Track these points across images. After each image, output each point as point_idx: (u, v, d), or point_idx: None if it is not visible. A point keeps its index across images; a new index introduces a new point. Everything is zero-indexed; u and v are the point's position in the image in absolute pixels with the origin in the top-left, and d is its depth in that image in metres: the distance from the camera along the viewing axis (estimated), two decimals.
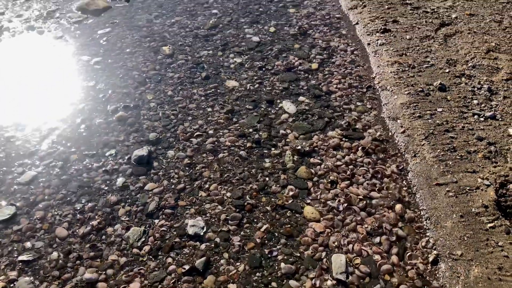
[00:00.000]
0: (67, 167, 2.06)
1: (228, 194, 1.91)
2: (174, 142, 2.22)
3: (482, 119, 2.17)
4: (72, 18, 3.25)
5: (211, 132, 2.28)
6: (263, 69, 2.79)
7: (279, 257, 1.61)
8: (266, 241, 1.66)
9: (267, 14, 3.35)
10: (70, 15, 3.29)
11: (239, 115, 2.41)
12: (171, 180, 2.00)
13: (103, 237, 1.71)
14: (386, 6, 3.23)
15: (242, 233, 1.71)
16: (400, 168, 2.00)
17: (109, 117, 2.38)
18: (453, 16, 3.05)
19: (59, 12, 3.34)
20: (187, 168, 2.06)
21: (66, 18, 3.27)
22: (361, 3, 3.30)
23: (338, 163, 2.07)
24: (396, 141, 2.16)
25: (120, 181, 1.96)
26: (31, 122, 2.33)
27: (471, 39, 2.79)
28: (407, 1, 3.27)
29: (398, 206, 1.80)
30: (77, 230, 1.74)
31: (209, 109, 2.46)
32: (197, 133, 2.28)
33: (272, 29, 3.18)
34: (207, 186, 1.96)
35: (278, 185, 1.94)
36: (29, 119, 2.34)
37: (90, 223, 1.75)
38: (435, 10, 3.14)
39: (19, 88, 2.58)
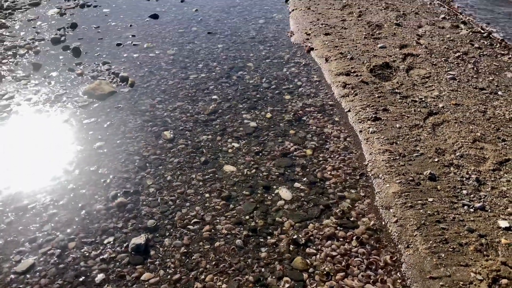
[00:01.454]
0: (65, 255, 2.12)
1: (224, 286, 1.96)
2: (172, 230, 2.31)
3: (472, 210, 2.29)
4: (79, 102, 3.49)
5: (208, 219, 2.38)
6: (260, 154, 2.96)
7: None
8: None
9: (264, 100, 3.61)
10: (77, 99, 3.54)
11: (236, 201, 2.53)
12: (167, 270, 2.06)
13: None
14: (377, 95, 3.50)
15: None
16: (394, 259, 2.08)
17: (109, 202, 2.49)
18: (440, 105, 3.31)
19: (66, 96, 3.59)
20: (183, 257, 2.12)
21: (72, 102, 3.51)
22: (352, 92, 3.58)
23: (333, 253, 2.15)
24: (389, 231, 2.26)
25: (116, 271, 2.01)
26: (32, 207, 2.42)
27: (458, 128, 3.01)
28: (396, 90, 3.55)
29: None
30: None
31: (207, 195, 2.58)
32: (194, 220, 2.38)
33: (268, 115, 3.42)
34: (203, 277, 2.01)
35: (274, 277, 2.00)
36: (30, 203, 2.45)
37: None
38: (423, 99, 3.41)
39: (22, 171, 2.71)
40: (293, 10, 5.50)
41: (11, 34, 4.71)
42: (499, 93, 3.48)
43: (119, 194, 2.55)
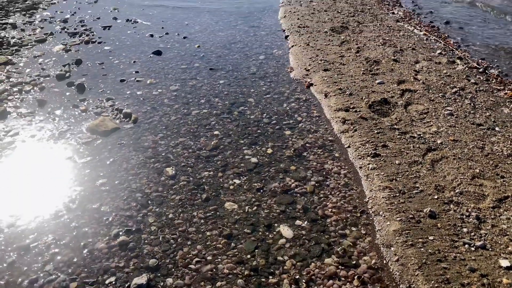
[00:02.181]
0: None
1: None
2: (173, 269, 2.33)
3: (473, 248, 2.32)
4: (82, 139, 3.57)
5: (209, 258, 2.41)
6: (261, 191, 3.01)
7: None
8: None
9: (265, 136, 3.69)
10: (80, 136, 3.62)
11: (238, 239, 2.56)
12: None
13: None
14: (376, 131, 3.58)
15: None
16: None
17: (111, 241, 2.52)
18: (439, 141, 3.38)
19: (70, 133, 3.67)
20: None
21: (76, 138, 3.59)
22: (352, 127, 3.66)
23: None
24: (391, 270, 2.28)
25: None
26: (34, 246, 2.45)
27: (456, 165, 3.07)
28: (395, 126, 3.63)
29: None
30: None
31: (208, 233, 2.61)
32: (196, 259, 2.40)
33: (269, 151, 3.49)
34: None
35: None
36: (32, 242, 2.47)
37: None
38: (421, 135, 3.49)
39: (25, 209, 2.75)
40: (292, 46, 5.68)
41: (17, 70, 4.85)
42: (497, 129, 3.56)
43: (121, 233, 2.59)
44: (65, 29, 6.24)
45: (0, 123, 3.79)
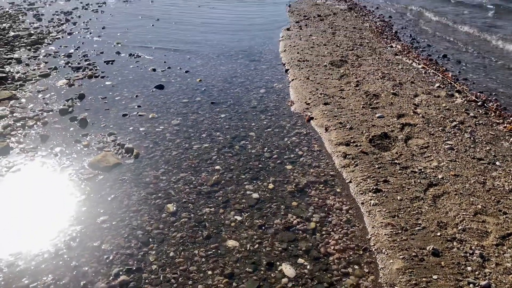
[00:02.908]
0: None
1: None
2: None
3: None
4: (84, 174, 3.60)
5: None
6: (263, 227, 3.01)
7: None
8: None
9: (266, 171, 3.72)
10: (82, 172, 3.66)
11: (239, 279, 2.55)
12: None
13: None
14: (377, 166, 3.61)
15: None
16: None
17: (112, 281, 2.51)
18: (440, 176, 3.41)
19: (72, 169, 3.71)
20: None
21: (78, 174, 3.62)
22: (353, 162, 3.69)
23: None
24: None
25: None
26: (33, 287, 2.44)
27: (458, 200, 3.09)
28: (395, 161, 3.67)
29: None
30: None
31: (210, 272, 2.60)
32: None
33: (270, 186, 3.51)
34: None
35: None
36: (31, 283, 2.47)
37: None
38: (422, 170, 3.52)
39: (25, 247, 2.76)
40: (292, 79, 5.80)
41: (21, 105, 4.95)
42: (497, 163, 3.59)
43: (121, 272, 2.58)
44: (69, 64, 6.40)
45: (2, 159, 3.83)
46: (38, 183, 3.51)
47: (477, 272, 2.44)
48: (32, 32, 8.05)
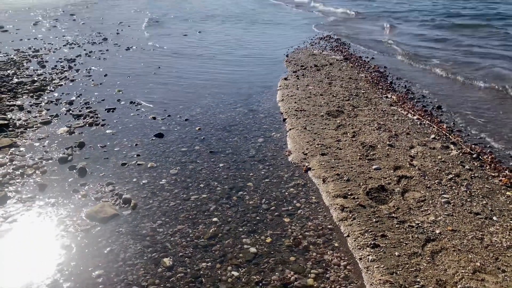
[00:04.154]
0: None
1: None
2: None
3: None
4: (81, 226, 3.61)
5: None
6: (260, 284, 3.00)
7: None
8: None
9: (264, 223, 3.74)
10: (79, 223, 3.66)
11: None
12: None
13: None
14: (374, 220, 3.64)
15: None
16: None
17: None
18: (437, 231, 3.44)
19: (69, 220, 3.72)
20: None
21: (75, 225, 3.63)
22: (350, 215, 3.72)
23: None
24: None
25: None
26: None
27: (457, 257, 3.09)
28: (393, 215, 3.70)
29: None
30: None
31: None
32: None
33: (268, 240, 3.52)
34: None
35: None
36: None
37: None
38: (420, 225, 3.54)
39: None
40: (290, 129, 5.92)
41: (21, 153, 5.02)
42: (494, 218, 3.63)
43: None
44: (70, 111, 6.54)
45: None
46: (33, 235, 3.51)
47: None
48: (35, 79, 8.27)
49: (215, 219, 3.81)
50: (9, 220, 3.70)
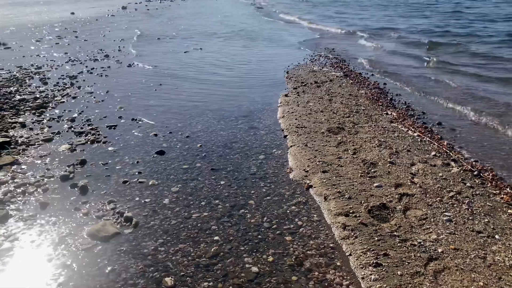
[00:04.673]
0: None
1: None
2: None
3: None
4: (82, 244, 3.61)
5: None
6: None
7: None
8: None
9: (265, 242, 3.74)
10: (81, 241, 3.67)
11: None
12: None
13: None
14: (376, 238, 3.64)
15: None
16: None
17: None
18: (439, 250, 3.43)
19: (70, 238, 3.72)
20: None
21: (76, 244, 3.63)
22: (352, 234, 3.72)
23: None
24: None
25: None
26: None
27: (460, 276, 3.09)
28: (395, 233, 3.70)
29: None
30: None
31: None
32: None
33: (270, 259, 3.51)
34: None
35: None
36: None
37: None
38: (422, 243, 3.54)
39: None
40: (291, 146, 5.95)
41: (22, 171, 5.04)
42: (496, 236, 3.63)
43: None
44: (72, 128, 6.58)
45: (1, 228, 3.85)
46: (35, 254, 3.50)
47: None
48: (37, 95, 8.34)
49: (216, 237, 3.81)
50: (10, 238, 3.70)
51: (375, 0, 36.14)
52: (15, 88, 8.94)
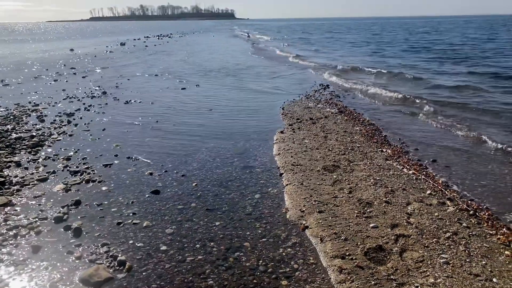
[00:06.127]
0: None
1: None
2: None
3: None
4: None
5: None
6: None
7: None
8: None
9: (261, 286, 3.69)
10: (73, 287, 3.59)
11: None
12: None
13: None
14: (373, 282, 3.60)
15: None
16: None
17: None
18: None
19: (61, 284, 3.66)
20: None
21: None
22: (349, 277, 3.68)
23: None
24: None
25: None
26: None
27: None
28: (391, 277, 3.67)
29: None
30: None
31: None
32: None
33: None
34: None
35: None
36: None
37: None
38: (419, 287, 3.50)
39: None
40: (287, 184, 5.97)
41: (15, 212, 5.00)
42: (494, 280, 3.60)
43: None
44: (67, 167, 6.59)
45: None
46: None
47: None
48: (34, 134, 8.39)
49: (211, 282, 3.76)
50: (0, 284, 3.63)
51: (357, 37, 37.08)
52: (12, 126, 9.00)
